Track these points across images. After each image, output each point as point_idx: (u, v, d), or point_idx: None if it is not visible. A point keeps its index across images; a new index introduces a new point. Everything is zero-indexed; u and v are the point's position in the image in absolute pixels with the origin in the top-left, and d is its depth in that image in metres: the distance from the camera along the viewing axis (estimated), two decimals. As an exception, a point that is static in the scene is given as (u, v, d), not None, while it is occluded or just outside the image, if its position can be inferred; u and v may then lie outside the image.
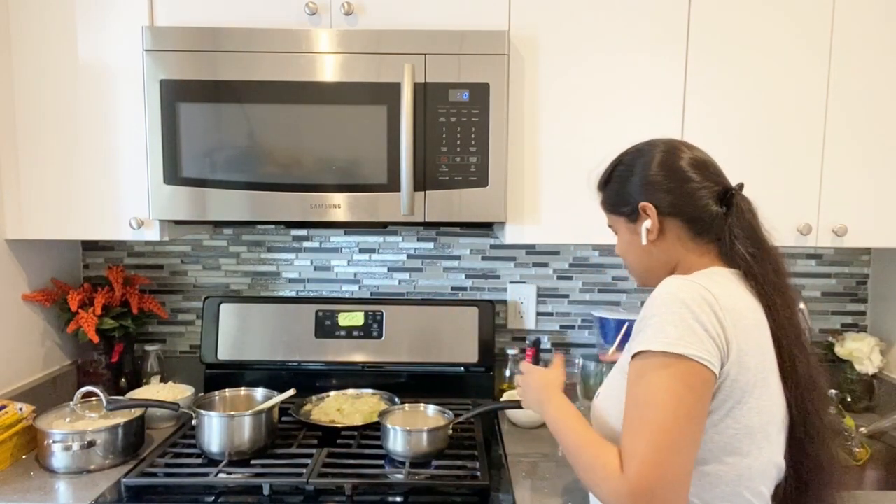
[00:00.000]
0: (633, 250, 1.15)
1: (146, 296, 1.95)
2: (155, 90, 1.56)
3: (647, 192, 1.10)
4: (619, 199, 1.14)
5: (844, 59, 1.64)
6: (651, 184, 1.10)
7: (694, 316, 0.94)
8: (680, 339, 0.93)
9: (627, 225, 1.14)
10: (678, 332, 0.93)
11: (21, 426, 1.53)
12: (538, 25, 1.62)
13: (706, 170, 1.10)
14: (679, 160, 1.10)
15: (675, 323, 0.94)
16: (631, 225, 1.13)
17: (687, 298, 0.95)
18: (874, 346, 1.92)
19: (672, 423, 0.90)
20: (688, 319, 0.94)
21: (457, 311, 1.95)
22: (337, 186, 1.58)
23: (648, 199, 1.09)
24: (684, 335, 0.93)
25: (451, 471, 1.47)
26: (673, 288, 0.98)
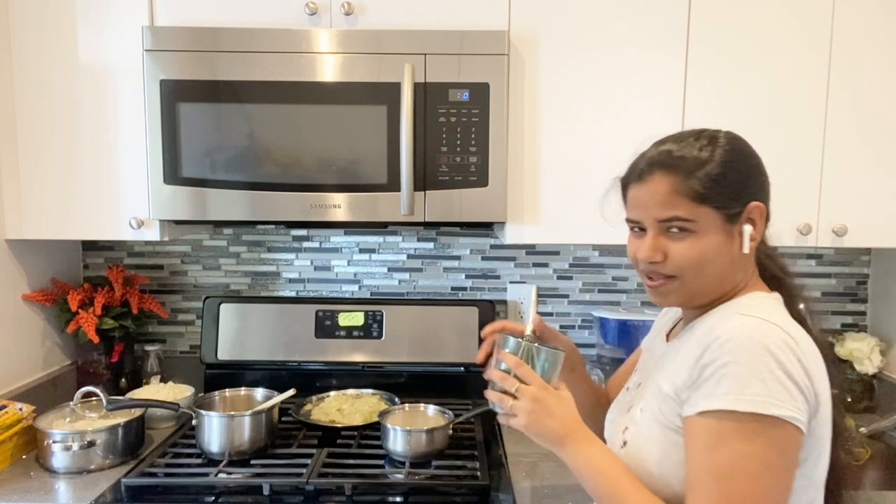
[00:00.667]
0: (721, 257, 0.93)
1: (146, 296, 1.95)
2: (155, 90, 1.56)
3: (761, 191, 0.94)
4: (728, 191, 0.92)
5: (845, 60, 1.63)
6: (765, 182, 0.95)
7: (782, 367, 0.81)
8: (770, 396, 0.79)
9: (723, 225, 0.92)
10: (767, 389, 0.80)
11: (21, 426, 1.53)
12: (538, 25, 1.62)
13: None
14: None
15: (763, 376, 0.80)
16: (727, 226, 0.92)
17: (771, 345, 0.82)
18: (874, 346, 1.92)
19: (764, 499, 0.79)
20: (776, 371, 0.81)
21: (457, 311, 1.95)
22: (337, 186, 1.58)
23: (761, 200, 0.94)
24: (774, 392, 0.80)
25: (451, 471, 1.46)
26: (751, 331, 0.84)
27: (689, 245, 0.92)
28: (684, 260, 0.92)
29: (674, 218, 0.92)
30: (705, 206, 0.91)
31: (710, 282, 0.94)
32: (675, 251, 0.93)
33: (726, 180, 0.91)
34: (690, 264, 0.92)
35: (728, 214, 0.92)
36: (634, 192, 0.97)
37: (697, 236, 0.92)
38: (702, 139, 0.94)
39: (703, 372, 0.85)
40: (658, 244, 0.94)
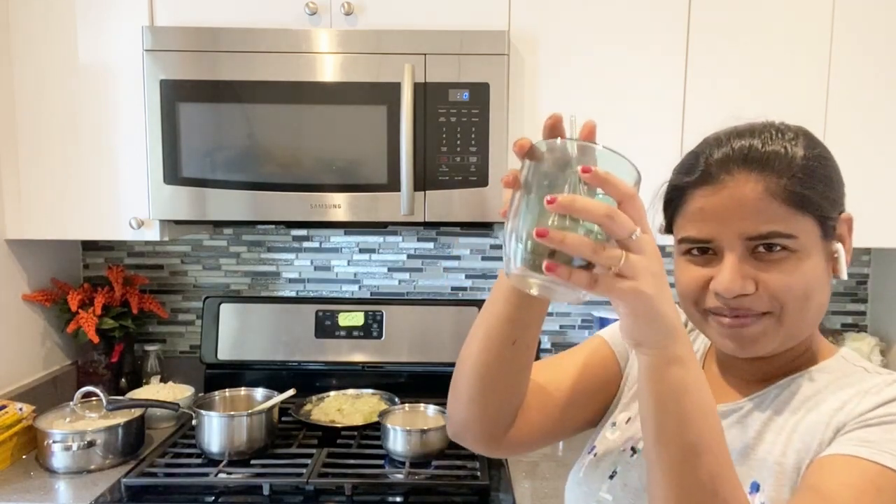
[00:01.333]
0: (826, 285, 0.72)
1: (146, 296, 1.95)
2: (155, 90, 1.56)
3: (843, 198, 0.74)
4: (830, 193, 0.72)
5: (845, 59, 1.63)
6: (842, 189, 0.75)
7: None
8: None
9: (821, 242, 0.71)
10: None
11: (21, 426, 1.53)
12: (538, 25, 1.62)
13: None
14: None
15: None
16: (825, 243, 0.71)
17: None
18: (874, 346, 1.92)
19: None
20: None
21: (457, 311, 1.95)
22: (337, 186, 1.58)
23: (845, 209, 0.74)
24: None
25: (451, 471, 1.47)
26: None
27: (790, 269, 0.69)
28: (786, 289, 0.69)
29: (770, 234, 0.68)
30: (807, 214, 0.69)
31: (813, 320, 0.73)
32: (771, 278, 0.69)
33: (829, 182, 0.72)
34: (795, 294, 0.69)
35: (826, 227, 0.71)
36: (704, 199, 0.71)
37: (799, 256, 0.69)
38: (786, 131, 0.76)
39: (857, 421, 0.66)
40: (746, 271, 0.69)
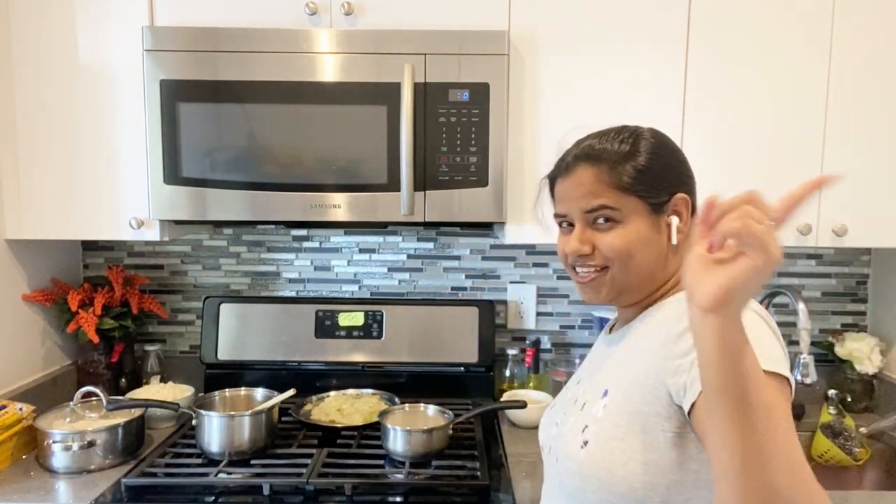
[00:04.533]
0: (648, 247, 0.93)
1: (146, 296, 1.95)
2: (155, 90, 1.56)
3: (685, 183, 0.95)
4: (652, 180, 0.92)
5: (845, 58, 1.63)
6: (689, 176, 0.96)
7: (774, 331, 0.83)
8: (782, 358, 0.79)
9: (649, 216, 0.93)
10: (779, 351, 0.80)
11: (21, 426, 1.53)
12: (538, 25, 1.62)
13: None
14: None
15: (770, 339, 0.80)
16: (653, 216, 0.93)
17: (758, 310, 0.84)
18: (874, 346, 1.92)
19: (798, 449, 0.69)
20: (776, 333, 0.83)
21: (457, 311, 1.95)
22: (337, 186, 1.58)
23: (686, 192, 0.94)
24: (782, 353, 0.80)
25: (451, 471, 1.46)
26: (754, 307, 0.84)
27: (616, 234, 0.92)
28: (612, 249, 0.92)
29: (600, 207, 0.92)
30: (630, 195, 0.92)
31: (639, 274, 0.93)
32: (603, 241, 0.93)
33: (650, 171, 0.92)
34: (619, 254, 0.92)
35: (653, 204, 0.92)
36: (561, 186, 0.98)
37: (624, 225, 0.92)
38: (623, 133, 0.96)
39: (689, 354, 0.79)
40: (585, 236, 0.94)
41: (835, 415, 1.84)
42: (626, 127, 0.97)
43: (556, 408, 1.08)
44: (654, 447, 0.84)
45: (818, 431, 1.82)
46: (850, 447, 1.76)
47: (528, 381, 1.98)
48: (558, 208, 0.99)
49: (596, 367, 1.02)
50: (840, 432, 1.79)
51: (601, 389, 0.93)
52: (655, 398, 0.84)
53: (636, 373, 0.89)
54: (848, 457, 1.74)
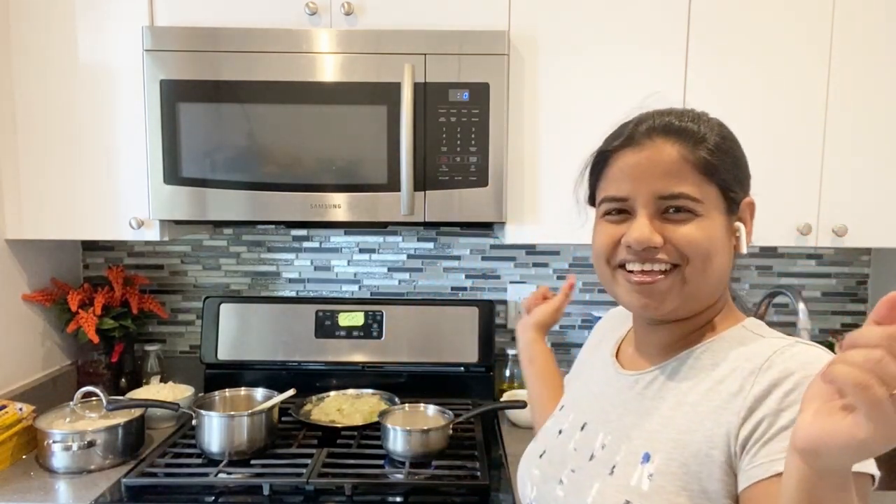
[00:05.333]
0: (725, 252, 0.77)
1: (146, 296, 1.95)
2: (155, 90, 1.56)
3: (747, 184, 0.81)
4: (734, 170, 0.78)
5: (845, 59, 1.63)
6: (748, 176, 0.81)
7: None
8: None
9: (725, 214, 0.77)
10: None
11: (21, 426, 1.53)
12: (538, 25, 1.62)
13: None
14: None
15: None
16: (727, 217, 0.77)
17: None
18: (874, 346, 1.92)
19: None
20: None
21: (457, 311, 1.95)
22: (337, 186, 1.58)
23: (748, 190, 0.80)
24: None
25: (451, 471, 1.46)
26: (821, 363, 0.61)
27: (695, 227, 0.74)
28: (691, 244, 0.73)
29: (680, 195, 0.74)
30: (713, 183, 0.75)
31: (711, 282, 0.76)
32: (678, 234, 0.74)
33: (735, 160, 0.78)
34: (698, 250, 0.73)
35: (730, 200, 0.77)
36: (624, 161, 0.78)
37: (703, 219, 0.74)
38: (703, 116, 0.83)
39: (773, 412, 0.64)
40: (655, 226, 0.75)
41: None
42: (693, 110, 0.84)
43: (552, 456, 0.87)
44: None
45: (818, 431, 1.81)
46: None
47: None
48: (615, 189, 0.78)
49: (615, 412, 0.81)
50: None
51: (638, 451, 0.74)
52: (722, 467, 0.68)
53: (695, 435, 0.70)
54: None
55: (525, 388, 1.95)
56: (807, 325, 1.65)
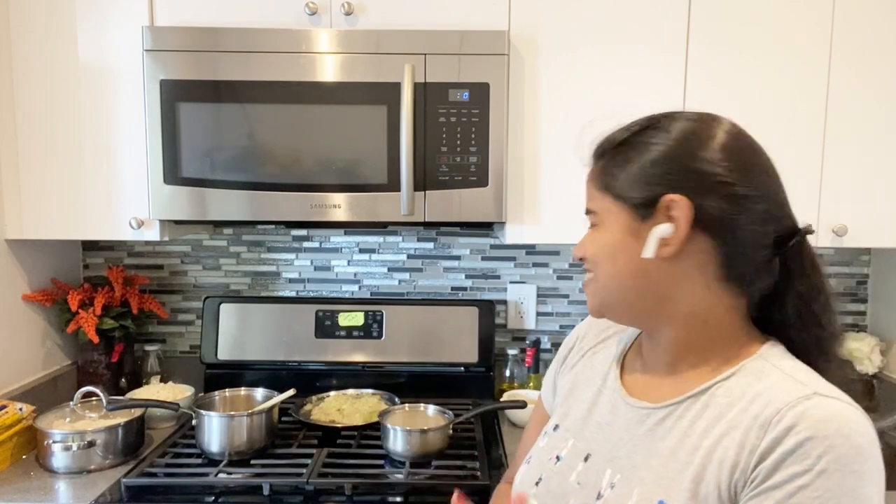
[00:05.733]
0: (617, 259, 0.76)
1: (146, 296, 1.95)
2: (155, 90, 1.56)
3: (692, 182, 0.72)
4: (634, 177, 0.75)
5: (845, 58, 1.63)
6: (703, 173, 0.72)
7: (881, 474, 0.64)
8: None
9: (628, 221, 0.75)
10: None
11: (21, 426, 1.53)
12: (538, 25, 1.62)
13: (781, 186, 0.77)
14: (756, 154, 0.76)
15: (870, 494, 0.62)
16: (633, 222, 0.75)
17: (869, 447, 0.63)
18: (874, 346, 1.92)
19: None
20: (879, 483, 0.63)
21: (457, 311, 1.95)
22: (337, 186, 1.58)
23: (688, 193, 0.72)
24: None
25: (451, 471, 1.46)
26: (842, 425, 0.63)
27: (596, 236, 0.79)
28: (587, 253, 0.80)
29: (588, 211, 0.81)
30: (608, 193, 0.77)
31: (614, 286, 0.77)
32: (584, 242, 0.81)
33: (623, 159, 0.76)
34: (593, 258, 0.79)
35: (634, 205, 0.75)
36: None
37: (598, 229, 0.79)
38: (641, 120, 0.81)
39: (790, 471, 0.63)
40: (584, 239, 0.82)
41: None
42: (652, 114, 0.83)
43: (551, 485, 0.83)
44: None
45: (818, 431, 1.82)
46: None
47: (528, 381, 1.98)
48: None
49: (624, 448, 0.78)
50: None
51: (652, 498, 0.71)
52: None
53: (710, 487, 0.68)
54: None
55: (524, 389, 1.96)
56: (807, 325, 1.65)
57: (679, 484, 0.70)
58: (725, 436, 0.69)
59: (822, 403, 0.65)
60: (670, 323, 0.77)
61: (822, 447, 0.62)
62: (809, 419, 0.64)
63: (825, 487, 0.61)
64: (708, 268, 0.73)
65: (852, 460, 0.62)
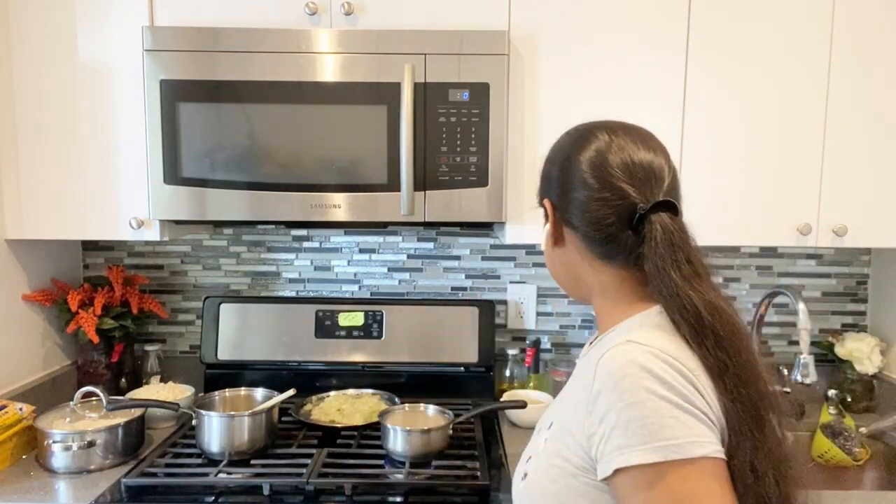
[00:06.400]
0: (545, 251, 0.96)
1: (146, 296, 1.95)
2: (155, 90, 1.56)
3: (552, 187, 0.93)
4: (542, 187, 0.97)
5: (845, 59, 1.64)
6: (551, 179, 0.93)
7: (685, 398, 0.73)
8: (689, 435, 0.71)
9: (549, 222, 0.95)
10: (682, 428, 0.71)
11: (21, 426, 1.53)
12: (538, 25, 1.62)
13: (632, 177, 0.84)
14: (611, 155, 0.86)
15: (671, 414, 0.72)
16: (550, 223, 0.94)
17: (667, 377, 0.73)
18: (874, 346, 1.92)
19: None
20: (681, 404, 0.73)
21: (457, 311, 1.95)
22: (337, 186, 1.58)
23: (551, 196, 0.92)
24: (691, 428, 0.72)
25: (451, 471, 1.46)
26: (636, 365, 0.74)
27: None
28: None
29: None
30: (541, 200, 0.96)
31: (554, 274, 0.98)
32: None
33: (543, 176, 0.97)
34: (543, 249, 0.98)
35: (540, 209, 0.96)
36: None
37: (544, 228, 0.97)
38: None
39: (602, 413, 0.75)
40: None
41: (835, 415, 1.84)
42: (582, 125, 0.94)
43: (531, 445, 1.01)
44: (579, 492, 0.80)
45: (818, 431, 1.82)
46: (850, 447, 1.76)
47: (528, 381, 1.98)
48: None
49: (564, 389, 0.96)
50: (840, 432, 1.79)
51: (549, 420, 0.89)
52: (579, 447, 0.80)
53: (569, 413, 0.83)
54: (848, 457, 1.74)
55: (524, 389, 1.96)
56: (807, 325, 1.65)
57: (562, 411, 0.86)
58: (582, 383, 0.82)
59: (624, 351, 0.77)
60: (591, 297, 0.93)
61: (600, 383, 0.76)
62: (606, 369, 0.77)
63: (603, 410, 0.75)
64: (583, 250, 0.89)
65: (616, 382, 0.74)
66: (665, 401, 0.72)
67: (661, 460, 0.70)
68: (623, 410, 0.73)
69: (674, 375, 0.74)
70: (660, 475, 0.71)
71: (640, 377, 0.73)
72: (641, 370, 0.74)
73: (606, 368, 0.76)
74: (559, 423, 0.85)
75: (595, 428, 0.76)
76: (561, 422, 0.85)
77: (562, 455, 0.81)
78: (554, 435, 0.85)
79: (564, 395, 0.91)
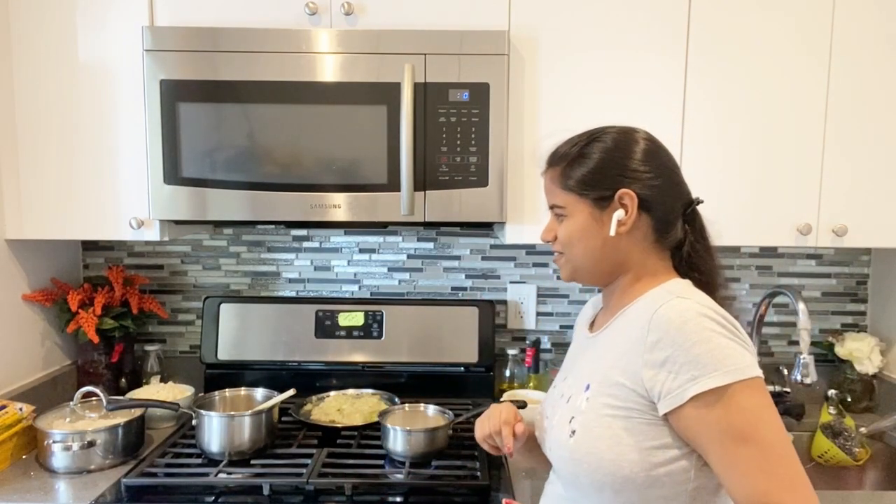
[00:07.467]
0: (588, 239, 1.05)
1: (146, 296, 1.95)
2: (155, 90, 1.56)
3: (631, 179, 1.02)
4: (591, 179, 1.03)
5: (845, 59, 1.64)
6: (637, 171, 1.03)
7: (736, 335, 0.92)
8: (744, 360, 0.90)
9: (591, 210, 1.04)
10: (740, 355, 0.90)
11: (21, 426, 1.53)
12: (538, 25, 1.62)
13: (680, 173, 1.07)
14: (663, 154, 1.06)
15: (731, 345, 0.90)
16: (595, 211, 1.04)
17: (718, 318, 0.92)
18: (874, 346, 1.92)
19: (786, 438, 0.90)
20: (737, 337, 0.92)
21: (457, 311, 1.95)
22: (337, 186, 1.58)
23: (631, 187, 1.02)
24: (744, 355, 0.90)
25: (451, 471, 1.47)
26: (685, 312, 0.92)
27: (563, 226, 1.07)
28: (559, 239, 1.08)
29: (554, 206, 1.09)
30: (572, 193, 1.05)
31: (588, 260, 1.06)
32: (559, 231, 1.08)
33: (592, 171, 1.04)
34: (564, 242, 1.08)
35: (594, 200, 1.03)
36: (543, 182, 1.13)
37: (568, 219, 1.06)
38: (582, 137, 1.07)
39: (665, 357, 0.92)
40: (551, 226, 1.10)
41: (835, 415, 1.84)
42: (589, 130, 1.08)
43: (546, 404, 1.17)
44: (635, 431, 0.95)
45: (818, 431, 1.82)
46: (850, 447, 1.76)
47: (528, 381, 1.98)
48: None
49: (580, 362, 1.11)
50: (840, 432, 1.79)
51: (583, 384, 1.03)
52: (633, 392, 0.95)
53: (615, 369, 0.98)
54: (848, 457, 1.74)
55: (524, 389, 1.96)
56: (807, 324, 1.65)
57: (602, 370, 1.01)
58: (625, 334, 1.00)
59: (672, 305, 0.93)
60: (623, 276, 1.07)
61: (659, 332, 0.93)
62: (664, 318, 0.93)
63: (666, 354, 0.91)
64: (648, 235, 1.04)
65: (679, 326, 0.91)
66: (724, 336, 0.90)
67: (731, 381, 0.88)
68: (692, 347, 0.89)
69: (724, 318, 0.92)
70: (731, 394, 0.88)
71: (701, 320, 0.91)
72: (699, 315, 0.91)
73: (665, 318, 0.92)
74: (599, 381, 1.00)
75: (655, 370, 0.92)
76: (602, 380, 0.99)
77: (611, 405, 0.97)
78: (596, 392, 1.00)
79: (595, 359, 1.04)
